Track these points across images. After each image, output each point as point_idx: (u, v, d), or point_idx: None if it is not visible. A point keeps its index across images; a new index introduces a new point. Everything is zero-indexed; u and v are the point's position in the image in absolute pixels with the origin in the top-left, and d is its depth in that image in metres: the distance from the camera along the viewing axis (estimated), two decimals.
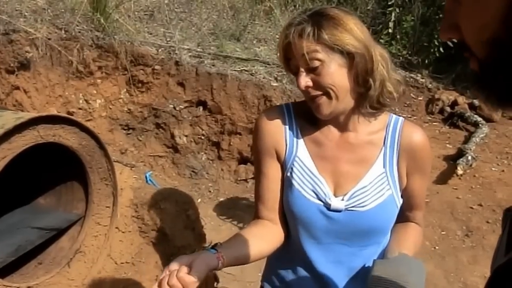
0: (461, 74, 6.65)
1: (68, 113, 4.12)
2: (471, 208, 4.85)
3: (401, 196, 1.57)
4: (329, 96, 1.43)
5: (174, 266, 1.31)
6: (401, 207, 1.60)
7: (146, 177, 3.04)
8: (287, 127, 1.56)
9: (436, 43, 6.65)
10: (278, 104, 4.90)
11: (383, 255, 1.63)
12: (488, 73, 0.68)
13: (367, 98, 1.44)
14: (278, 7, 6.56)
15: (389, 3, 7.00)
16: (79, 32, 4.36)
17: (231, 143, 5.16)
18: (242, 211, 4.77)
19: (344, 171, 1.52)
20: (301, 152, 1.55)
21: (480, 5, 0.64)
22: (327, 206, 1.50)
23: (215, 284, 3.11)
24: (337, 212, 1.50)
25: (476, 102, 6.38)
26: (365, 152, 1.53)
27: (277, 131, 1.56)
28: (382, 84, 1.44)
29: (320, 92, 1.43)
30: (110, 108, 4.78)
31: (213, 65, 5.06)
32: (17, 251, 2.16)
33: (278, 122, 1.57)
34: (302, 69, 1.42)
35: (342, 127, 1.53)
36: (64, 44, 4.19)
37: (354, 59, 1.39)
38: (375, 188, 1.50)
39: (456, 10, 0.69)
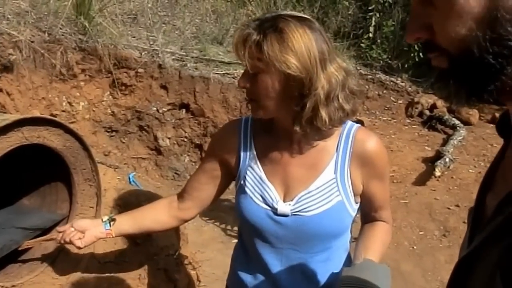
0: None
1: (52, 115, 4.13)
2: (449, 208, 4.95)
3: (360, 201, 1.60)
4: (257, 104, 1.47)
5: (72, 226, 1.84)
6: (366, 209, 1.65)
7: (129, 178, 3.08)
8: (241, 140, 1.62)
9: (416, 47, 6.74)
10: None
11: (348, 262, 1.68)
12: (461, 68, 0.71)
13: (299, 118, 1.43)
14: (260, 11, 6.61)
15: (370, 8, 7.11)
16: (63, 35, 4.39)
17: None
18: (224, 212, 4.81)
19: (294, 176, 1.55)
20: (253, 160, 1.60)
21: (459, 8, 0.68)
22: (274, 211, 1.54)
23: (197, 283, 3.15)
24: (284, 216, 1.53)
25: None
26: (316, 157, 1.54)
27: (230, 147, 1.65)
28: (315, 108, 1.41)
29: (251, 97, 1.48)
30: (94, 111, 4.80)
31: (196, 69, 5.11)
32: (2, 250, 2.18)
33: (232, 138, 1.65)
34: (245, 69, 1.47)
35: (293, 133, 1.52)
36: (48, 47, 4.21)
37: (289, 78, 1.38)
38: (323, 193, 1.52)
39: (429, 12, 0.73)
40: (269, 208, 1.54)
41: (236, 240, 4.03)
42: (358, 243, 1.63)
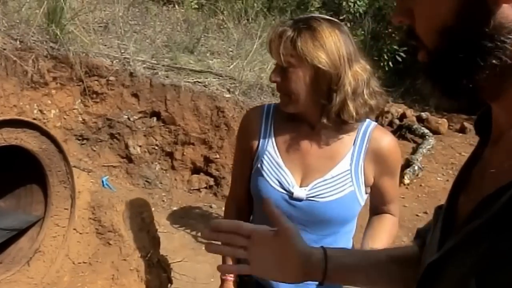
0: (409, 88, 6.93)
1: None
2: (417, 215, 5.10)
3: (370, 194, 1.72)
4: (289, 98, 1.59)
5: None
6: (376, 202, 1.78)
7: (102, 181, 3.13)
8: (262, 124, 1.74)
9: (386, 57, 6.92)
10: (230, 115, 5.05)
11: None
12: (436, 63, 0.69)
13: (327, 111, 1.57)
14: (231, 20, 6.72)
15: (341, 18, 7.26)
16: (34, 43, 4.40)
17: (184, 153, 5.26)
18: (195, 220, 4.87)
19: (311, 164, 1.67)
20: (271, 146, 1.71)
21: None
22: (290, 195, 1.65)
23: (169, 285, 3.20)
24: (299, 201, 1.65)
25: (423, 115, 6.68)
26: (334, 149, 1.66)
27: (251, 129, 1.76)
28: (343, 102, 1.55)
29: (282, 91, 1.61)
30: (65, 119, 4.81)
31: (167, 77, 5.15)
32: None
33: (254, 120, 1.77)
34: (276, 65, 1.59)
35: (315, 125, 1.65)
36: (19, 54, 4.22)
37: (319, 73, 1.52)
38: (337, 182, 1.63)
39: None
40: (285, 192, 1.66)
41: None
42: (366, 233, 1.77)
